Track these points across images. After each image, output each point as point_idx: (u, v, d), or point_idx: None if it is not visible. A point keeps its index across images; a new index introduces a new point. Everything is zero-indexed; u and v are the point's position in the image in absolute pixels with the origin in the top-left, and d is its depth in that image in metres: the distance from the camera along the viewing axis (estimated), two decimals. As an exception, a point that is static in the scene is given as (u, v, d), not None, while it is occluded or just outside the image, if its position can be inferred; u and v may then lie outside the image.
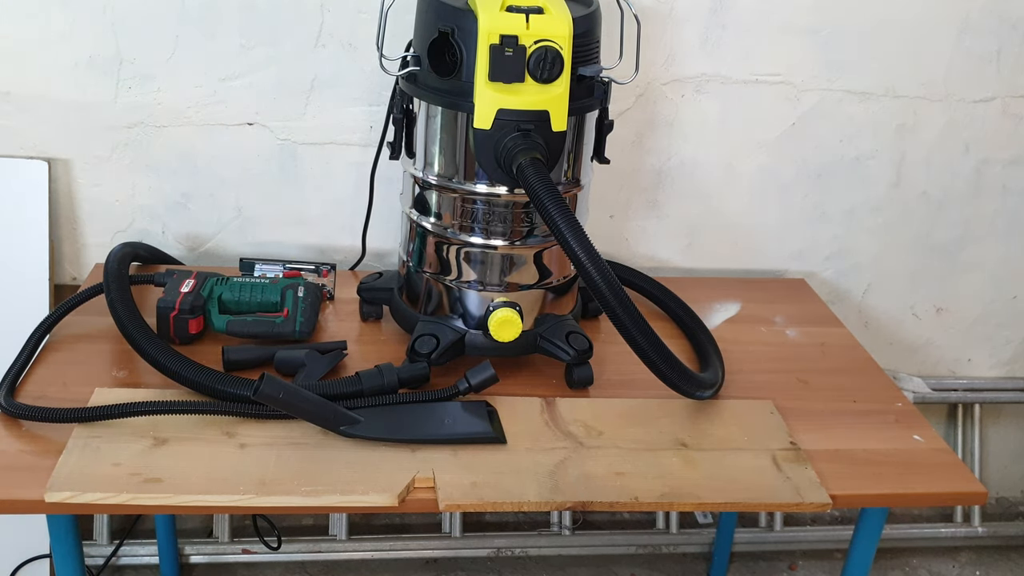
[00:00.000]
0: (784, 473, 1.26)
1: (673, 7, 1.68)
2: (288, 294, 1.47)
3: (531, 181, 1.20)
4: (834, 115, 1.81)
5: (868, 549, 1.38)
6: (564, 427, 1.31)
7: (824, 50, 1.75)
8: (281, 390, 1.18)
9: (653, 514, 2.15)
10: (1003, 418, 2.24)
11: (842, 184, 1.87)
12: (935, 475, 1.30)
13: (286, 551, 1.98)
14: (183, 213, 1.75)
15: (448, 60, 1.29)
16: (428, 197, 1.40)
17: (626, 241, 1.87)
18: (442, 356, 1.37)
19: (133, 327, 1.34)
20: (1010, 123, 1.86)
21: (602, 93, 1.37)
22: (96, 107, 1.65)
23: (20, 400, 1.26)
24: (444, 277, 1.42)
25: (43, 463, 1.16)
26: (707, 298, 1.72)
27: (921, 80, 1.80)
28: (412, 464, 1.21)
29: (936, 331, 2.07)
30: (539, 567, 2.07)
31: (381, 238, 1.77)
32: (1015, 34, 1.79)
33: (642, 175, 1.82)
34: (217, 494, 1.14)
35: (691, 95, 1.76)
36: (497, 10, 1.24)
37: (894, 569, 2.15)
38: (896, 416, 1.42)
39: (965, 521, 2.23)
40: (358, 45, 1.65)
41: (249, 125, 1.69)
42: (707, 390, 1.38)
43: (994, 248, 1.99)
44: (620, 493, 1.19)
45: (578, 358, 1.40)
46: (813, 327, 1.67)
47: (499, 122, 1.25)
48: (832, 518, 2.24)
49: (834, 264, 1.95)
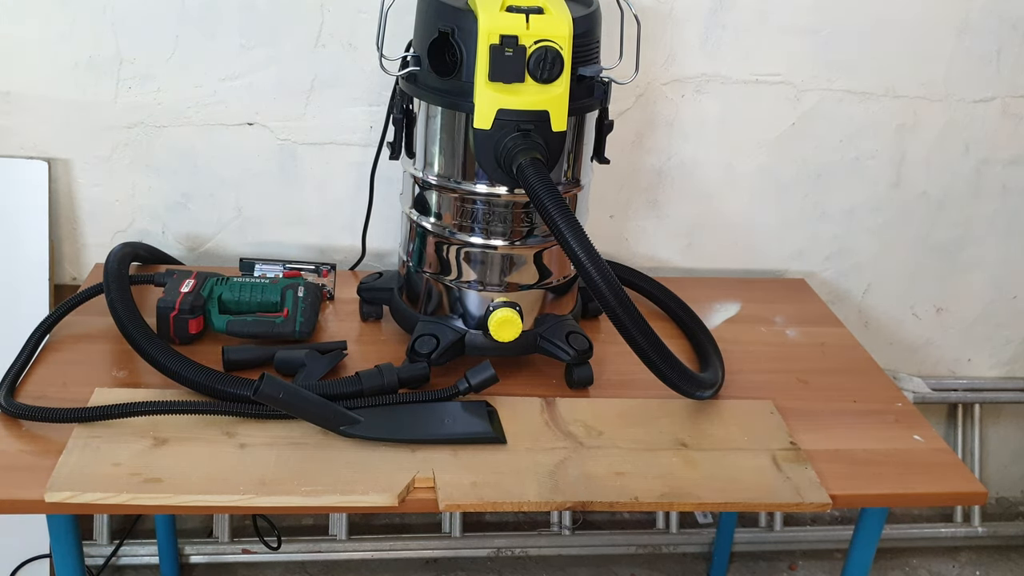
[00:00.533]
0: (784, 473, 1.26)
1: (673, 7, 1.68)
2: (288, 294, 1.47)
3: (531, 181, 1.20)
4: (834, 115, 1.81)
5: (868, 549, 1.38)
6: (564, 427, 1.31)
7: (824, 50, 1.75)
8: (281, 390, 1.18)
9: (653, 514, 2.15)
10: (1003, 418, 2.24)
11: (842, 184, 1.87)
12: (935, 475, 1.30)
13: (286, 551, 1.98)
14: (183, 213, 1.75)
15: (448, 60, 1.29)
16: (428, 197, 1.40)
17: (626, 241, 1.87)
18: (442, 356, 1.37)
19: (133, 327, 1.34)
20: (1010, 123, 1.86)
21: (602, 93, 1.36)
22: (96, 107, 1.65)
23: (20, 400, 1.26)
24: (444, 277, 1.42)
25: (43, 463, 1.16)
26: (707, 298, 1.72)
27: (921, 80, 1.80)
28: (412, 464, 1.21)
29: (936, 331, 2.07)
30: (539, 567, 2.07)
31: (381, 238, 1.77)
32: (1015, 34, 1.79)
33: (642, 175, 1.82)
34: (217, 494, 1.15)
35: (691, 95, 1.76)
36: (497, 10, 1.24)
37: (894, 569, 2.15)
38: (896, 416, 1.42)
39: (965, 521, 2.23)
40: (358, 45, 1.65)
41: (249, 125, 1.69)
42: (707, 390, 1.38)
43: (994, 248, 1.99)
44: (620, 493, 1.19)
45: (578, 358, 1.40)
46: (813, 327, 1.67)
47: (499, 122, 1.25)
48: (832, 518, 2.24)
49: (834, 264, 1.95)
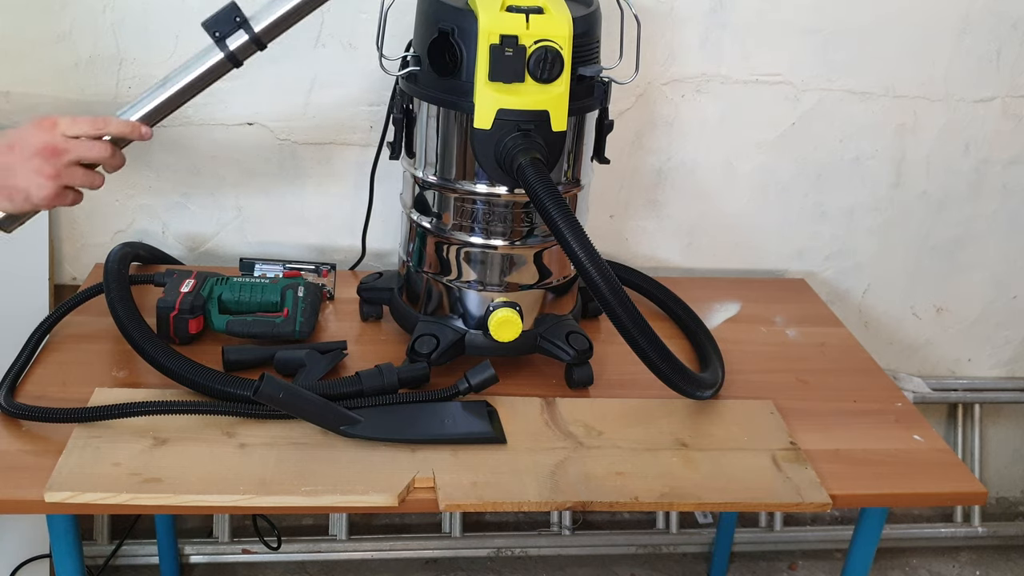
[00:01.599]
0: (784, 473, 1.26)
1: (673, 7, 1.68)
2: (288, 294, 1.47)
3: (531, 181, 1.20)
4: (834, 115, 1.81)
5: (868, 549, 1.38)
6: (564, 427, 1.31)
7: (824, 50, 1.75)
8: (281, 390, 1.18)
9: (653, 514, 2.15)
10: (1003, 418, 2.24)
11: (842, 184, 1.87)
12: (935, 475, 1.30)
13: (286, 551, 1.98)
14: (183, 213, 1.75)
15: (448, 60, 1.29)
16: (428, 197, 1.40)
17: (626, 241, 1.87)
18: (442, 356, 1.37)
19: (133, 327, 1.34)
20: (1010, 123, 1.86)
21: (602, 93, 1.37)
22: (96, 107, 1.64)
23: (20, 400, 1.26)
24: (444, 277, 1.42)
25: (43, 463, 1.16)
26: (707, 298, 1.72)
27: (921, 80, 1.80)
28: (412, 464, 1.21)
29: (936, 331, 2.07)
30: (539, 567, 2.07)
31: (381, 238, 1.77)
32: (1015, 34, 1.79)
33: (642, 175, 1.82)
34: (217, 494, 1.15)
35: (691, 95, 1.76)
36: (497, 10, 1.24)
37: (894, 569, 2.15)
38: (896, 416, 1.42)
39: (965, 521, 2.23)
40: (358, 45, 1.65)
41: (249, 125, 1.69)
42: (707, 390, 1.38)
43: (994, 248, 1.99)
44: (620, 493, 1.20)
45: (578, 358, 1.40)
46: (813, 327, 1.67)
47: (499, 122, 1.25)
48: (832, 518, 2.24)
49: (834, 264, 1.95)
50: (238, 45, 1.28)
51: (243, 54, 1.29)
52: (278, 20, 1.29)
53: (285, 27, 1.30)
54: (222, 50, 1.28)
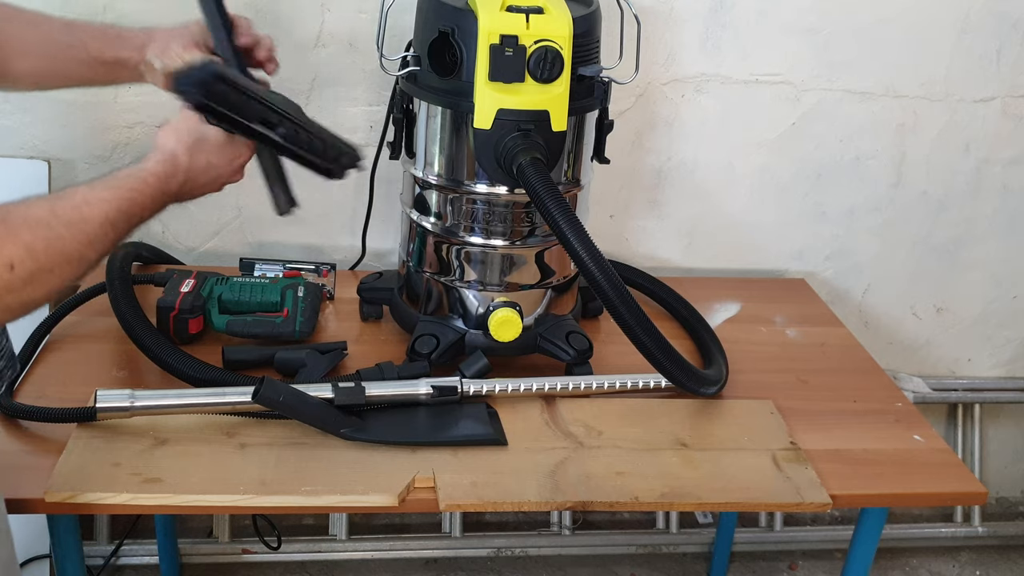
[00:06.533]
0: (784, 473, 1.26)
1: (673, 7, 1.68)
2: (288, 294, 1.47)
3: (531, 181, 1.20)
4: (834, 115, 1.81)
5: (868, 549, 1.38)
6: (564, 427, 1.31)
7: (824, 50, 1.75)
8: (282, 393, 1.18)
9: (653, 514, 2.15)
10: (1003, 418, 2.24)
11: (842, 184, 1.87)
12: (935, 475, 1.30)
13: (286, 551, 1.98)
14: (183, 213, 1.75)
15: (448, 60, 1.29)
16: (428, 197, 1.40)
17: (626, 241, 1.87)
18: (442, 356, 1.37)
19: (138, 326, 1.34)
20: (1010, 123, 1.86)
21: (602, 93, 1.37)
22: (96, 107, 1.64)
23: (20, 400, 1.26)
24: (444, 277, 1.42)
25: (43, 463, 1.16)
26: (707, 298, 1.71)
27: (921, 80, 1.80)
28: (412, 464, 1.21)
29: (936, 331, 2.07)
30: (539, 567, 2.07)
31: (381, 238, 1.77)
32: (1015, 34, 1.79)
33: (642, 175, 1.82)
34: (217, 494, 1.14)
35: (691, 95, 1.76)
36: (497, 10, 1.24)
37: (894, 569, 2.15)
38: (896, 416, 1.42)
39: (965, 521, 2.23)
40: (358, 45, 1.65)
41: (249, 125, 1.69)
42: (712, 387, 1.38)
43: (994, 248, 1.99)
44: (620, 493, 1.19)
45: (578, 358, 1.40)
46: (813, 327, 1.67)
47: (499, 122, 1.25)
48: (832, 518, 2.24)
49: (834, 264, 1.95)
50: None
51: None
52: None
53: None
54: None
